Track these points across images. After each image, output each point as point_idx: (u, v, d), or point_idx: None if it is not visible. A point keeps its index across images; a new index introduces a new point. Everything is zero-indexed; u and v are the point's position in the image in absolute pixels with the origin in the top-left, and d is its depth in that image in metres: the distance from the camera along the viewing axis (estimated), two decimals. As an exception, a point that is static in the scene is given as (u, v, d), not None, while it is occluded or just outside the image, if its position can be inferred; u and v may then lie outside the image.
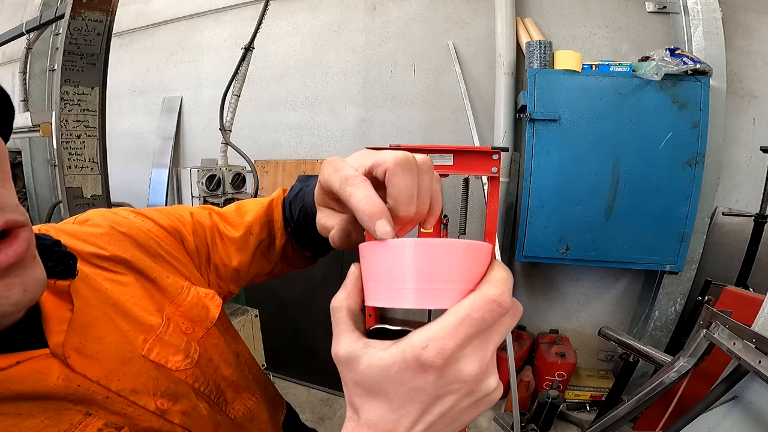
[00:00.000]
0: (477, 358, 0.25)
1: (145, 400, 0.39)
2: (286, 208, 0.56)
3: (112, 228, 0.47)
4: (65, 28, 1.38)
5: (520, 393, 2.02)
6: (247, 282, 0.60)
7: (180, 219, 0.53)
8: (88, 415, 0.35)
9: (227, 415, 0.48)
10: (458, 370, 0.25)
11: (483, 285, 0.26)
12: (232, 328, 0.57)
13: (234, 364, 0.51)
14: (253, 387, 0.53)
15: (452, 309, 0.25)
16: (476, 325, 0.24)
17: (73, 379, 0.35)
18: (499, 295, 0.25)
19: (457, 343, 0.24)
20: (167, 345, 0.43)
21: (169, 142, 3.14)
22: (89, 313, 0.39)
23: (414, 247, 0.26)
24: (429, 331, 0.24)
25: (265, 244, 0.57)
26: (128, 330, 0.41)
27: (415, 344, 0.24)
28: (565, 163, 1.90)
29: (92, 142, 1.50)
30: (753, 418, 0.95)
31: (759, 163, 1.94)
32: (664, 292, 2.04)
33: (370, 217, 0.29)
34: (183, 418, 0.41)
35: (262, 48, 2.35)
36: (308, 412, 2.24)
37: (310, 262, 0.62)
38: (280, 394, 0.64)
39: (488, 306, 0.25)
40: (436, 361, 0.24)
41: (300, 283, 2.37)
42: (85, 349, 0.36)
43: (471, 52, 2.35)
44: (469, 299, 0.25)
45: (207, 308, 0.49)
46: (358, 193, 0.30)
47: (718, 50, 1.86)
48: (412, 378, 0.24)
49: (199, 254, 0.54)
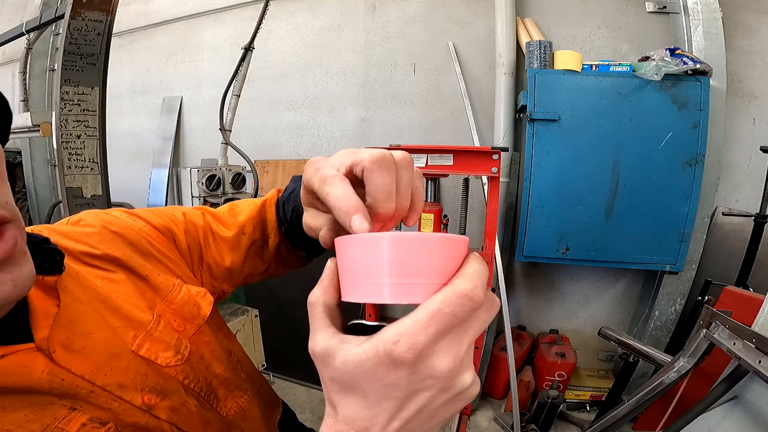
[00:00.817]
0: (450, 353, 0.25)
1: (131, 395, 0.39)
2: (280, 209, 0.56)
3: (104, 227, 0.47)
4: (65, 28, 1.38)
5: (520, 393, 2.02)
6: (241, 281, 0.60)
7: (172, 219, 0.54)
8: (73, 409, 0.35)
9: (218, 412, 0.48)
10: (431, 365, 0.24)
11: (456, 279, 0.26)
12: (225, 327, 0.57)
13: (226, 362, 0.51)
14: (246, 386, 0.54)
15: (424, 303, 0.25)
16: (448, 319, 0.24)
17: (58, 373, 0.35)
18: (471, 289, 0.24)
19: (429, 338, 0.24)
20: (157, 341, 0.43)
21: (169, 142, 3.13)
22: (77, 309, 0.39)
23: (388, 240, 0.25)
24: (400, 326, 0.24)
25: (258, 244, 0.57)
26: (118, 326, 0.41)
27: (387, 339, 0.24)
28: (565, 163, 1.90)
29: (92, 142, 1.50)
30: (753, 418, 0.95)
31: (759, 163, 1.94)
32: (664, 292, 2.04)
33: (345, 213, 0.29)
34: (171, 414, 0.41)
35: (262, 48, 2.35)
36: (308, 412, 2.24)
37: (305, 262, 0.63)
38: (276, 394, 0.64)
39: (459, 300, 0.24)
40: (407, 356, 0.23)
41: (299, 283, 2.37)
42: (71, 344, 0.37)
43: (471, 52, 2.35)
44: (441, 293, 0.25)
45: (198, 306, 0.50)
46: (335, 191, 0.30)
47: (718, 50, 1.86)
48: (385, 374, 0.24)
49: (191, 253, 0.54)
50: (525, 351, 2.32)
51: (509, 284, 2.34)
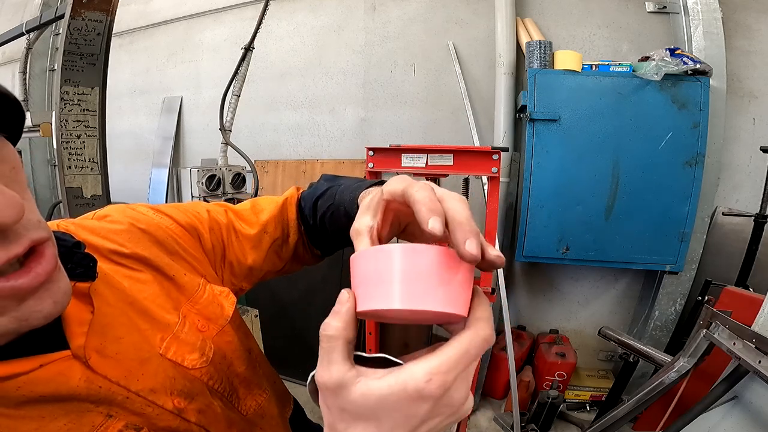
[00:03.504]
0: (465, 385, 0.28)
1: (163, 399, 0.39)
2: (306, 206, 0.56)
3: (132, 225, 0.47)
4: (65, 28, 1.38)
5: (520, 393, 2.02)
6: (259, 279, 0.60)
7: (197, 216, 0.54)
8: (109, 416, 0.35)
9: (239, 411, 0.48)
10: (451, 397, 0.27)
11: (478, 323, 0.28)
12: (244, 325, 0.57)
13: (246, 360, 0.51)
14: (264, 383, 0.54)
15: (452, 344, 0.27)
16: (471, 360, 0.27)
17: (95, 380, 0.35)
18: (490, 335, 0.28)
19: (456, 376, 0.27)
20: (183, 343, 0.43)
21: (169, 142, 3.13)
22: (108, 312, 0.39)
23: (400, 251, 0.27)
24: (430, 364, 0.26)
25: (278, 243, 0.58)
26: (146, 329, 0.41)
27: (418, 378, 0.26)
28: (565, 163, 1.90)
29: (92, 142, 1.50)
30: (753, 418, 0.95)
31: (759, 163, 1.94)
32: (664, 292, 2.03)
33: (430, 210, 0.29)
34: (199, 417, 0.41)
35: (262, 48, 2.35)
36: (308, 412, 2.23)
37: (318, 260, 0.63)
38: (288, 390, 0.65)
39: (482, 344, 0.28)
40: (438, 392, 0.26)
41: (300, 283, 2.37)
42: (105, 350, 0.37)
43: (471, 52, 2.35)
44: (468, 337, 0.28)
45: (222, 306, 0.50)
46: (423, 192, 0.31)
47: (718, 50, 1.86)
48: (408, 406, 0.26)
49: (215, 252, 0.54)
50: (525, 351, 2.31)
51: (509, 284, 2.34)
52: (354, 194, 0.48)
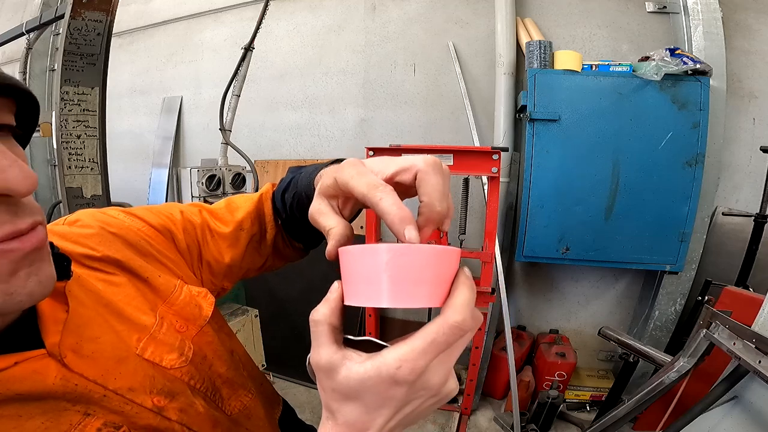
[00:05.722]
0: (442, 369, 0.30)
1: (142, 398, 0.39)
2: (277, 200, 0.56)
3: (102, 228, 0.47)
4: (65, 28, 1.38)
5: (520, 393, 2.02)
6: (240, 277, 0.60)
7: (170, 217, 0.53)
8: (87, 415, 0.35)
9: (224, 411, 0.48)
10: (426, 380, 0.29)
11: (447, 309, 0.29)
12: (226, 326, 0.57)
13: (228, 361, 0.51)
14: (249, 384, 0.54)
15: (420, 333, 0.28)
16: (441, 347, 0.28)
17: (71, 378, 0.35)
18: (461, 321, 0.28)
19: (426, 363, 0.28)
20: (161, 344, 0.43)
21: (169, 142, 3.13)
22: (83, 313, 0.39)
23: (387, 250, 0.29)
24: (400, 351, 0.28)
25: (256, 239, 0.58)
26: (122, 330, 0.41)
27: (390, 364, 0.27)
28: (565, 163, 1.90)
29: (92, 142, 1.50)
30: (753, 418, 0.95)
31: (759, 163, 1.94)
32: (664, 292, 2.03)
33: (401, 220, 0.31)
34: (180, 415, 0.42)
35: (262, 48, 2.34)
36: (308, 412, 2.24)
37: (302, 254, 0.63)
38: (276, 392, 0.65)
39: (451, 331, 0.28)
40: (409, 377, 0.28)
41: (299, 283, 2.37)
42: (81, 349, 0.37)
43: (471, 52, 2.35)
44: (435, 324, 0.28)
45: (200, 306, 0.50)
46: (388, 199, 0.32)
47: (718, 50, 1.86)
48: (386, 390, 0.28)
49: (190, 252, 0.54)
50: (525, 351, 2.31)
51: (509, 284, 2.34)
52: (311, 177, 0.49)
